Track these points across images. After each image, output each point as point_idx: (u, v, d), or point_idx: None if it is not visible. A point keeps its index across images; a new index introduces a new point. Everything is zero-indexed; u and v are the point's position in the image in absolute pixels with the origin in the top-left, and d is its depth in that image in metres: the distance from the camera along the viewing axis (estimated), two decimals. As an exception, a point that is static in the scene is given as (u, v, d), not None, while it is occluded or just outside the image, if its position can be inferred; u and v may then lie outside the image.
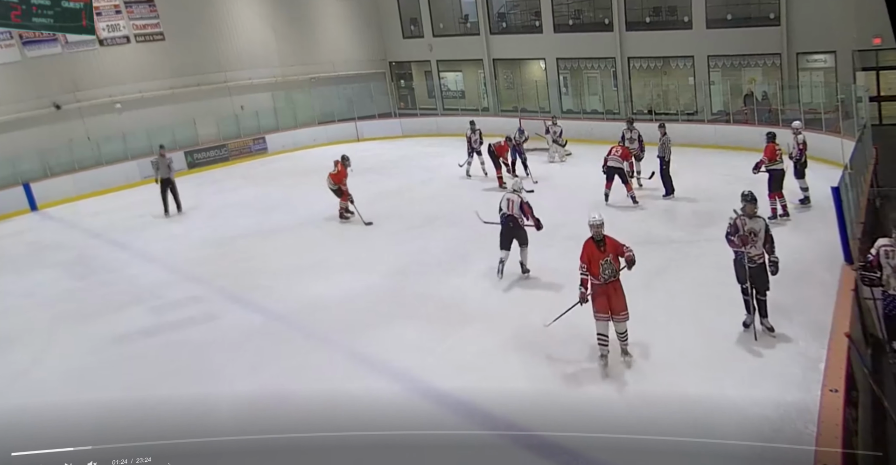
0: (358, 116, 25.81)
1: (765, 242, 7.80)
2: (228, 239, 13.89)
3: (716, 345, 7.77)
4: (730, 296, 8.98)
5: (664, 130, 14.16)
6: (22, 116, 19.96)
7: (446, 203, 15.31)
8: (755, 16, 20.75)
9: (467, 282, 10.50)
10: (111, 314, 10.40)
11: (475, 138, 17.50)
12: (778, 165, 12.05)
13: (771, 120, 18.95)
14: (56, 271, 12.83)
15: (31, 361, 9.06)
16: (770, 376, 6.95)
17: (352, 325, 9.19)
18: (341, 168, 14.12)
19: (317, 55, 26.93)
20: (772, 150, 12.01)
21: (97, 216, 16.94)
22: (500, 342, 8.32)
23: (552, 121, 19.31)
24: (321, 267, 11.72)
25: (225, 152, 23.15)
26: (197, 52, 23.74)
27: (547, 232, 10.72)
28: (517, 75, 26.58)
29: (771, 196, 12.08)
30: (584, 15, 24.36)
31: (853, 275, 7.97)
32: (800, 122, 13.08)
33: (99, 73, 21.71)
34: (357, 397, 7.17)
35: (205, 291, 11.09)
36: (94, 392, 7.91)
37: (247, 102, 24.86)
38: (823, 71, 20.03)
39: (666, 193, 14.26)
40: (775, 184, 12.08)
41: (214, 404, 7.18)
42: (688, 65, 22.28)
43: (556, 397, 6.96)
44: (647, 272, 10.00)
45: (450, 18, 27.36)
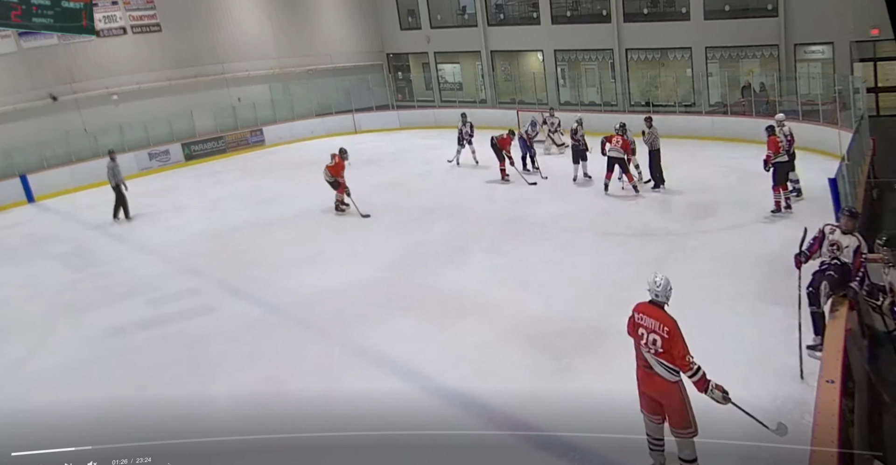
0: (355, 108, 25.76)
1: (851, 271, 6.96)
2: (226, 231, 13.87)
3: (712, 336, 7.76)
4: (726, 288, 9.03)
5: (650, 123, 14.20)
6: (18, 107, 19.88)
7: (444, 195, 15.31)
8: (753, 7, 20.71)
9: (465, 274, 10.49)
10: (108, 306, 10.39)
11: (466, 130, 17.71)
12: (782, 157, 12.02)
13: (769, 111, 18.93)
14: (53, 263, 12.82)
15: (27, 353, 9.06)
16: (767, 367, 6.97)
17: (350, 317, 9.19)
18: (339, 161, 14.11)
19: (314, 47, 26.85)
20: (775, 143, 11.96)
21: (94, 208, 16.88)
22: (498, 334, 8.32)
23: (549, 112, 19.30)
24: (319, 259, 11.72)
25: (222, 144, 23.10)
26: (194, 43, 23.65)
27: (545, 224, 10.73)
28: (515, 67, 26.53)
29: (776, 189, 12.07)
30: (581, 6, 24.30)
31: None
32: (783, 114, 13.02)
33: (95, 65, 21.62)
34: (355, 389, 7.18)
35: (202, 283, 11.08)
36: (91, 385, 7.91)
37: (244, 93, 24.77)
38: (821, 62, 20.01)
39: (655, 185, 14.27)
40: (780, 177, 12.06)
41: (213, 400, 7.17)
42: (685, 56, 22.24)
43: (555, 390, 6.96)
44: (644, 264, 10.04)
45: (447, 10, 27.28)
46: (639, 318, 5.46)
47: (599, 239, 11.61)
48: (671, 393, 5.42)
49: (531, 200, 14.26)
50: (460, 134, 17.77)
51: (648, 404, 5.58)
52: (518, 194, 14.97)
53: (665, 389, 5.43)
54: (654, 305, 5.43)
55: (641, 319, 5.44)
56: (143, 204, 16.47)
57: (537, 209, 13.48)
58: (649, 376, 5.47)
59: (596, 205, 13.55)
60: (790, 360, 6.98)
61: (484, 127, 20.64)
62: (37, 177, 18.90)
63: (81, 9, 12.29)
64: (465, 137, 17.70)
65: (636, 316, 5.48)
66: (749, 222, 11.74)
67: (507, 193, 15.24)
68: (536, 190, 15.14)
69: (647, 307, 5.46)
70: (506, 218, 13.10)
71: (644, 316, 5.43)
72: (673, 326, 5.30)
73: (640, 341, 5.43)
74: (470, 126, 17.75)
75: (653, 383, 5.47)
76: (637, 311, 5.50)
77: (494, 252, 11.27)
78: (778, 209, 11.96)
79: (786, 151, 12.18)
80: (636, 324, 5.47)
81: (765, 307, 8.34)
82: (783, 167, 12.06)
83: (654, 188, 14.20)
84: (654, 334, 5.34)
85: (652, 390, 5.50)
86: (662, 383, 5.42)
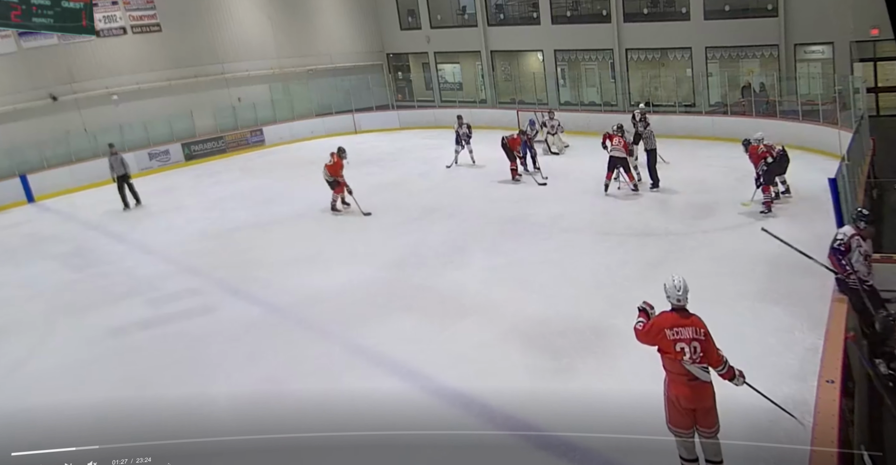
0: (355, 108, 25.77)
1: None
2: (226, 231, 13.88)
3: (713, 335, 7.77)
4: (726, 288, 9.02)
5: (646, 123, 14.25)
6: (18, 107, 19.88)
7: (444, 195, 15.30)
8: (753, 7, 20.70)
9: (465, 274, 10.49)
10: (108, 306, 10.40)
11: (463, 132, 17.68)
12: (769, 161, 12.18)
13: (768, 111, 18.95)
14: (53, 263, 12.83)
15: (28, 353, 9.06)
16: (766, 366, 6.95)
17: (350, 317, 9.19)
18: (337, 160, 14.12)
19: (314, 47, 26.85)
20: (755, 153, 12.22)
21: (94, 208, 16.91)
22: (498, 334, 8.32)
23: (549, 114, 19.29)
24: (319, 259, 11.72)
25: (222, 144, 23.10)
26: (194, 43, 23.64)
27: (545, 224, 10.73)
28: (515, 67, 26.53)
29: (765, 189, 12.21)
30: (581, 6, 24.29)
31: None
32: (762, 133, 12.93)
33: (95, 65, 21.61)
34: (355, 389, 7.18)
35: (202, 283, 11.08)
36: (91, 385, 7.92)
37: (244, 93, 24.77)
38: (821, 62, 20.00)
39: (654, 184, 14.32)
40: (768, 178, 12.25)
41: (213, 400, 7.17)
42: (686, 56, 22.24)
43: (555, 390, 6.96)
44: (644, 264, 10.05)
45: (447, 10, 27.27)
46: (674, 333, 5.05)
47: (599, 239, 11.61)
48: (710, 395, 5.13)
49: (531, 200, 14.26)
50: (457, 135, 17.80)
51: (685, 418, 5.13)
52: (518, 194, 14.97)
53: (707, 393, 5.11)
54: (681, 312, 5.12)
55: (677, 333, 5.05)
56: (144, 204, 16.49)
57: (537, 209, 13.48)
58: (695, 387, 5.08)
59: (596, 205, 13.55)
60: (790, 360, 6.99)
61: (484, 127, 20.69)
62: (37, 177, 18.90)
63: (81, 9, 12.29)
64: (463, 138, 17.69)
65: (669, 333, 5.06)
66: (749, 222, 11.74)
67: (507, 193, 15.24)
68: (536, 190, 15.14)
69: (676, 319, 5.10)
70: (506, 218, 13.10)
71: (679, 329, 5.05)
72: (705, 325, 5.07)
73: (682, 357, 5.03)
74: (467, 127, 17.75)
75: (701, 392, 5.09)
76: (668, 327, 5.08)
77: (494, 252, 11.27)
78: (769, 210, 12.05)
79: (771, 156, 12.26)
80: (672, 341, 5.04)
81: (765, 307, 8.34)
82: (771, 169, 12.22)
83: (652, 188, 14.22)
84: (695, 342, 5.02)
85: (700, 402, 5.09)
86: (706, 387, 5.10)
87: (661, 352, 5.13)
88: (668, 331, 5.06)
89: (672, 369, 5.11)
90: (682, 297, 5.10)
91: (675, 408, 5.12)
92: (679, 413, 5.13)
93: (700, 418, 5.13)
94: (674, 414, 5.15)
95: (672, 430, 5.20)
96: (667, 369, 5.15)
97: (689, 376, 5.06)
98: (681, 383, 5.09)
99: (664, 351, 5.10)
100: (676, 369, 5.07)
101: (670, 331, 5.05)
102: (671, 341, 5.03)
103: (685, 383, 5.08)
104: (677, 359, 5.04)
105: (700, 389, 5.08)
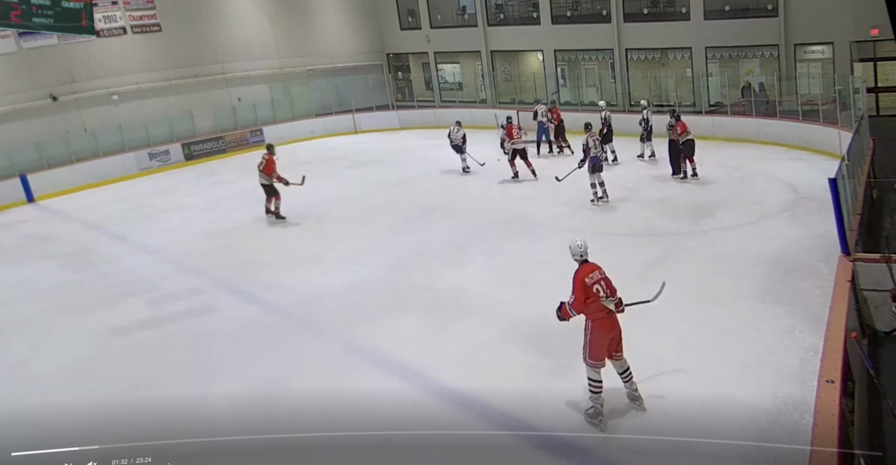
0: (355, 108, 25.78)
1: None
2: (226, 231, 13.88)
3: (712, 336, 7.78)
4: (726, 288, 9.02)
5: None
6: (18, 107, 19.88)
7: (444, 195, 15.30)
8: (753, 7, 20.69)
9: (465, 274, 10.48)
10: (109, 306, 10.39)
11: (457, 137, 17.10)
12: (689, 136, 14.55)
13: (768, 111, 18.94)
14: (53, 263, 12.82)
15: (28, 353, 9.06)
16: (767, 367, 6.96)
17: (349, 317, 9.19)
18: (270, 158, 13.95)
19: (314, 47, 26.86)
20: (684, 125, 14.60)
21: (94, 208, 16.91)
22: (498, 334, 8.32)
23: (550, 114, 19.25)
24: (319, 259, 11.72)
25: (222, 144, 23.11)
26: (194, 43, 23.66)
27: (543, 224, 10.72)
28: (515, 67, 26.53)
29: (690, 160, 14.62)
30: (581, 6, 24.29)
31: (850, 266, 7.99)
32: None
33: (95, 65, 21.62)
34: (355, 389, 7.18)
35: (203, 283, 11.08)
36: (91, 385, 7.92)
37: (244, 93, 24.79)
38: (821, 62, 20.01)
39: (673, 172, 15.11)
40: (689, 150, 14.61)
41: (213, 400, 7.17)
42: (685, 56, 22.24)
43: (555, 390, 6.95)
44: (644, 264, 10.05)
45: (447, 10, 27.27)
46: (590, 279, 6.10)
47: (599, 239, 11.56)
48: (619, 322, 6.28)
49: (531, 200, 14.26)
50: (453, 142, 17.18)
51: (603, 350, 6.20)
52: (518, 194, 14.97)
53: (617, 321, 6.27)
54: (586, 263, 6.23)
55: (592, 277, 6.11)
56: (144, 204, 16.47)
57: (537, 209, 13.47)
58: (612, 318, 6.20)
59: (596, 205, 13.53)
60: (790, 360, 6.99)
61: (484, 127, 20.68)
62: (37, 177, 18.90)
63: (81, 9, 12.30)
64: (460, 144, 17.19)
65: (588, 280, 6.09)
66: (749, 222, 11.74)
67: (507, 193, 15.24)
68: (536, 190, 15.13)
69: (587, 267, 6.19)
70: (506, 218, 13.09)
71: (591, 274, 6.13)
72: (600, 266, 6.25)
73: (600, 296, 6.07)
74: (462, 135, 17.17)
75: (615, 321, 6.22)
76: (586, 276, 6.11)
77: (494, 252, 11.27)
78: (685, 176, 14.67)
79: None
80: (591, 285, 6.08)
81: (765, 307, 8.34)
82: (691, 142, 14.53)
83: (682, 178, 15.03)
84: (602, 280, 6.12)
85: (615, 329, 6.23)
86: (615, 317, 6.24)
87: (586, 302, 6.11)
88: (587, 279, 6.11)
89: (594, 312, 6.15)
90: (585, 252, 6.27)
91: (598, 343, 6.18)
92: (600, 348, 6.18)
93: (614, 344, 6.24)
94: (595, 350, 6.20)
95: (591, 364, 6.24)
96: (589, 316, 6.19)
97: (606, 310, 6.14)
98: (602, 319, 6.15)
99: (589, 298, 6.10)
100: (597, 308, 6.13)
101: (588, 278, 6.11)
102: (590, 286, 6.08)
103: (605, 316, 6.16)
104: (597, 299, 6.08)
105: (614, 318, 6.21)
